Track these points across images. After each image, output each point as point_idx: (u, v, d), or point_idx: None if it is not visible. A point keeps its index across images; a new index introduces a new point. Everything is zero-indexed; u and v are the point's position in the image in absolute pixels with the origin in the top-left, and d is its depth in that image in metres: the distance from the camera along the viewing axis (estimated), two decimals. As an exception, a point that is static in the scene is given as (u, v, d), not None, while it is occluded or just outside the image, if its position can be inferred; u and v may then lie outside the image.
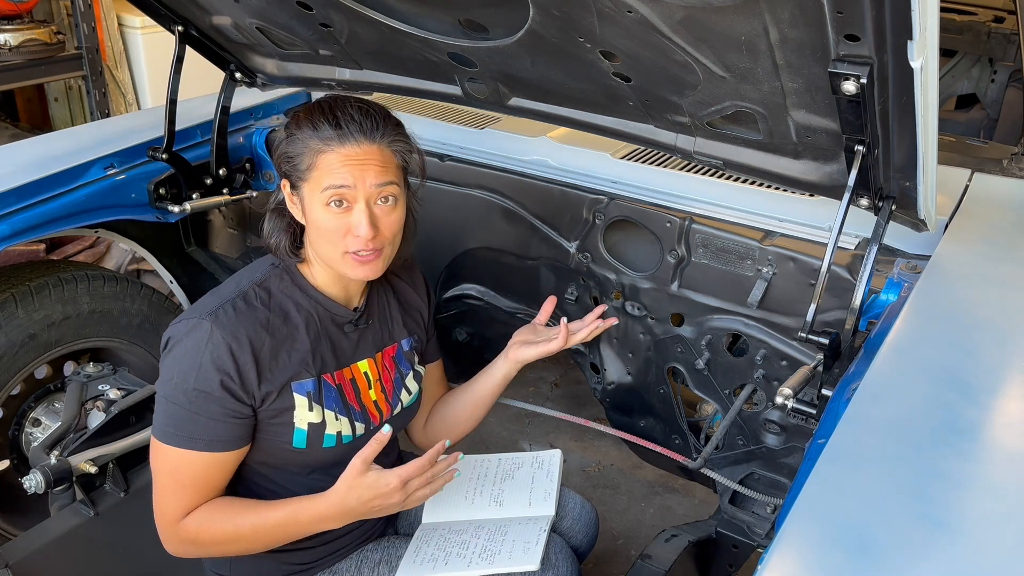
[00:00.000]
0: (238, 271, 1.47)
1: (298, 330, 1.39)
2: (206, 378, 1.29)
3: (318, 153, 1.31)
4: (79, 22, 3.72)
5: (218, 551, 1.38)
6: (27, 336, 1.91)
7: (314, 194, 1.33)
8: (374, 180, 1.32)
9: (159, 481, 1.36)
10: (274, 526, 1.34)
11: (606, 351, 2.05)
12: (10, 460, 1.98)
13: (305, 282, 1.43)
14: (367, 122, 1.32)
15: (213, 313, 1.32)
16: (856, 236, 1.67)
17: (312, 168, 1.32)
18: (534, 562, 1.41)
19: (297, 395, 1.37)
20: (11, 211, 1.77)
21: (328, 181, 1.31)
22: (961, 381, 1.12)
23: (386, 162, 1.34)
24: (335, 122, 1.31)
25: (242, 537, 1.35)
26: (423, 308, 1.64)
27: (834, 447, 0.98)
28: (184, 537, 1.36)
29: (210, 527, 1.34)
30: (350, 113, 1.32)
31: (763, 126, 1.40)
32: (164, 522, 1.36)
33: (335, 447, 1.42)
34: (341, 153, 1.31)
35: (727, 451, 1.96)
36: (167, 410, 1.32)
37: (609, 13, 1.22)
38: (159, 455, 1.34)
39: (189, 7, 1.84)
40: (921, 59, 1.03)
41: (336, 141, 1.31)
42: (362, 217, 1.32)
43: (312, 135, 1.32)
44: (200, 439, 1.31)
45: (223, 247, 2.43)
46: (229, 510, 1.35)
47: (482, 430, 2.88)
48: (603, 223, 1.92)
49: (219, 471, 1.35)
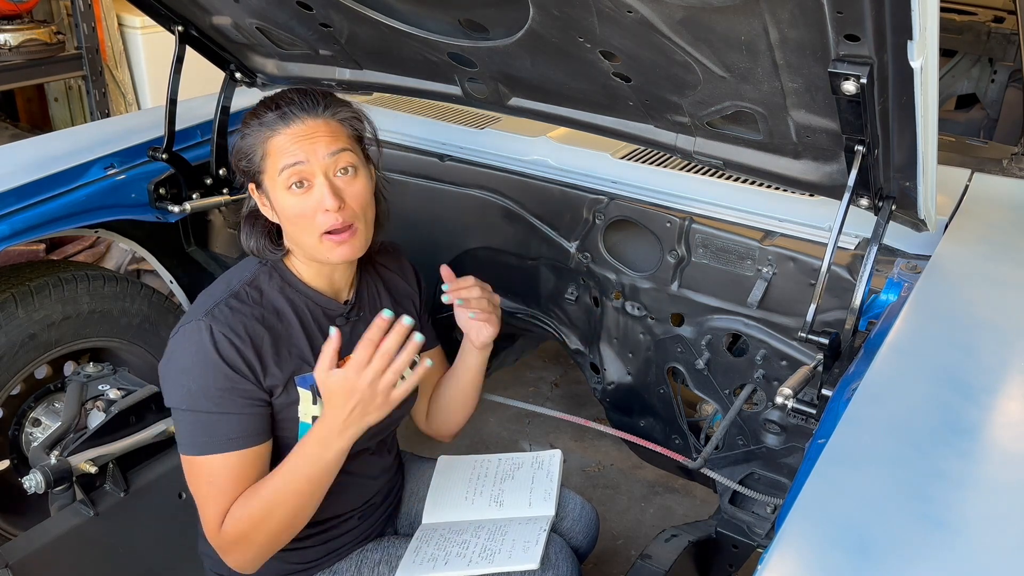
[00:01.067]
0: (226, 271, 1.46)
1: (292, 326, 1.39)
2: (224, 374, 1.29)
3: (267, 141, 1.34)
4: (79, 22, 3.72)
5: (264, 537, 1.32)
6: (27, 336, 1.91)
7: (274, 182, 1.34)
8: (325, 151, 1.33)
9: (199, 494, 1.33)
10: (291, 473, 1.31)
11: (606, 351, 2.05)
12: (10, 460, 1.98)
13: (294, 277, 1.43)
14: (306, 100, 1.35)
15: (209, 313, 1.32)
16: (856, 236, 1.67)
17: (265, 156, 1.34)
18: (534, 562, 1.42)
19: (301, 389, 1.37)
20: (11, 211, 1.77)
21: (282, 162, 1.32)
22: (961, 381, 1.12)
23: (334, 132, 1.35)
24: (277, 108, 1.34)
25: (274, 505, 1.30)
26: (414, 295, 1.63)
27: (834, 447, 0.98)
28: (231, 539, 1.32)
29: (243, 515, 1.31)
30: (289, 96, 1.35)
31: (763, 126, 1.40)
32: (212, 534, 1.33)
33: None
34: (287, 133, 1.33)
35: (727, 451, 1.96)
36: (192, 421, 1.30)
37: (609, 13, 1.22)
38: (195, 470, 1.32)
39: (189, 7, 1.84)
40: (921, 59, 1.03)
41: (281, 123, 1.33)
42: (324, 190, 1.32)
43: (259, 128, 1.35)
44: (236, 438, 1.30)
45: (223, 247, 2.43)
46: (251, 491, 1.32)
47: (482, 430, 2.88)
48: (603, 223, 1.92)
49: (257, 467, 1.34)
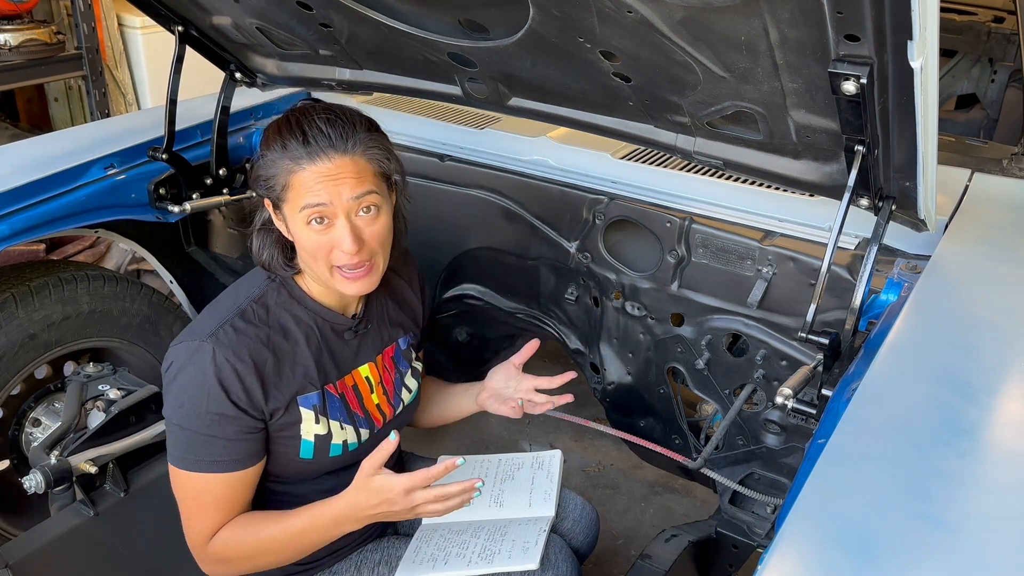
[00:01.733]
0: (234, 282, 1.45)
1: (299, 345, 1.38)
2: (218, 400, 1.29)
3: (291, 173, 1.27)
4: (79, 22, 3.72)
5: (248, 566, 1.37)
6: (27, 336, 1.91)
7: (294, 214, 1.29)
8: (350, 193, 1.28)
9: (184, 506, 1.35)
10: (296, 534, 1.34)
11: (606, 351, 2.05)
12: (10, 460, 1.98)
13: (302, 293, 1.41)
14: (335, 133, 1.27)
15: (213, 335, 1.30)
16: (856, 236, 1.67)
17: (288, 188, 1.28)
18: (534, 562, 1.42)
19: (304, 409, 1.37)
20: (11, 211, 1.77)
21: (304, 201, 1.27)
22: (961, 381, 1.12)
23: (361, 172, 1.29)
24: (303, 138, 1.26)
25: (268, 550, 1.35)
26: (416, 306, 1.63)
27: (834, 447, 0.98)
28: (215, 557, 1.35)
29: (236, 544, 1.34)
30: (318, 126, 1.27)
31: (763, 126, 1.40)
32: (194, 545, 1.36)
33: (341, 455, 1.43)
34: (312, 171, 1.26)
35: (727, 451, 1.95)
36: (182, 437, 1.31)
37: (609, 13, 1.22)
38: (180, 482, 1.34)
39: (189, 7, 1.84)
40: (921, 59, 1.03)
41: (307, 159, 1.26)
42: (344, 232, 1.28)
43: (282, 155, 1.27)
44: (220, 461, 1.31)
45: (223, 247, 2.43)
46: (252, 526, 1.35)
47: (482, 430, 2.88)
48: (603, 223, 1.92)
49: (242, 488, 1.35)
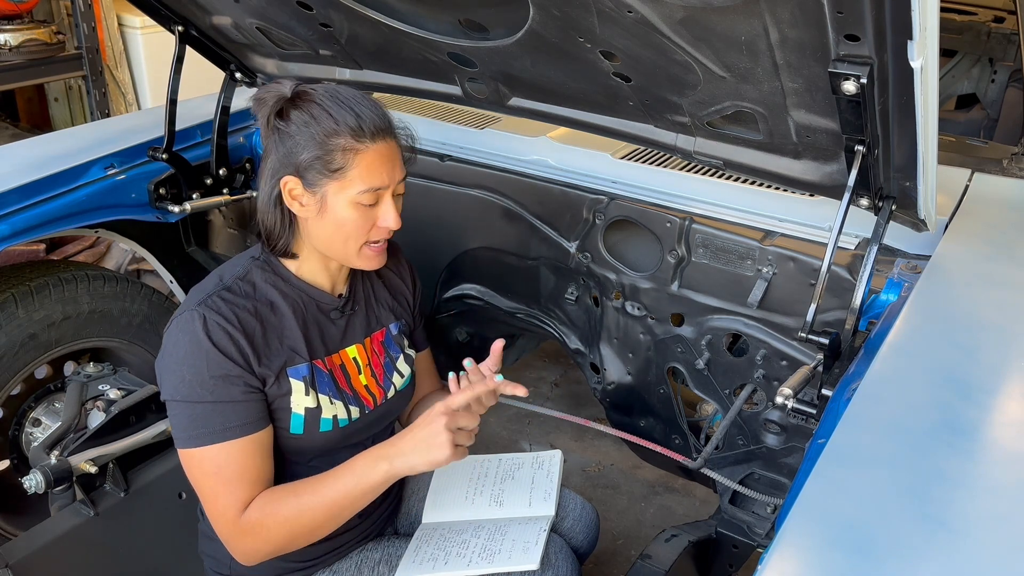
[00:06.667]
0: (217, 267, 1.45)
1: (286, 317, 1.39)
2: (217, 362, 1.28)
3: (356, 152, 1.30)
4: (79, 22, 3.73)
5: (285, 533, 1.33)
6: (27, 336, 1.91)
7: (342, 193, 1.32)
8: (399, 175, 1.37)
9: (205, 487, 1.32)
10: (333, 480, 1.32)
11: (606, 351, 2.05)
12: (10, 460, 1.98)
13: (287, 272, 1.42)
14: (383, 118, 1.34)
15: (202, 303, 1.32)
16: (856, 236, 1.67)
17: (348, 168, 1.30)
18: (534, 562, 1.42)
19: (293, 380, 1.37)
20: (11, 211, 1.78)
21: (368, 183, 1.31)
22: (961, 381, 1.12)
23: (400, 156, 1.38)
24: (352, 112, 1.31)
25: (306, 507, 1.31)
26: (408, 294, 1.64)
27: (834, 447, 0.98)
28: (248, 528, 1.31)
29: (272, 507, 1.31)
30: (363, 104, 1.33)
31: (763, 126, 1.40)
32: (225, 523, 1.33)
33: (331, 431, 1.42)
34: (375, 151, 1.32)
35: (727, 451, 1.96)
36: (188, 413, 1.30)
37: (609, 13, 1.22)
38: (196, 462, 1.31)
39: (189, 7, 1.85)
40: (921, 59, 1.03)
41: (368, 138, 1.31)
42: (391, 210, 1.36)
43: (336, 134, 1.29)
44: (232, 427, 1.30)
45: (223, 247, 2.43)
46: (284, 488, 1.33)
47: (482, 430, 2.86)
48: (603, 223, 1.92)
49: (260, 454, 1.33)
